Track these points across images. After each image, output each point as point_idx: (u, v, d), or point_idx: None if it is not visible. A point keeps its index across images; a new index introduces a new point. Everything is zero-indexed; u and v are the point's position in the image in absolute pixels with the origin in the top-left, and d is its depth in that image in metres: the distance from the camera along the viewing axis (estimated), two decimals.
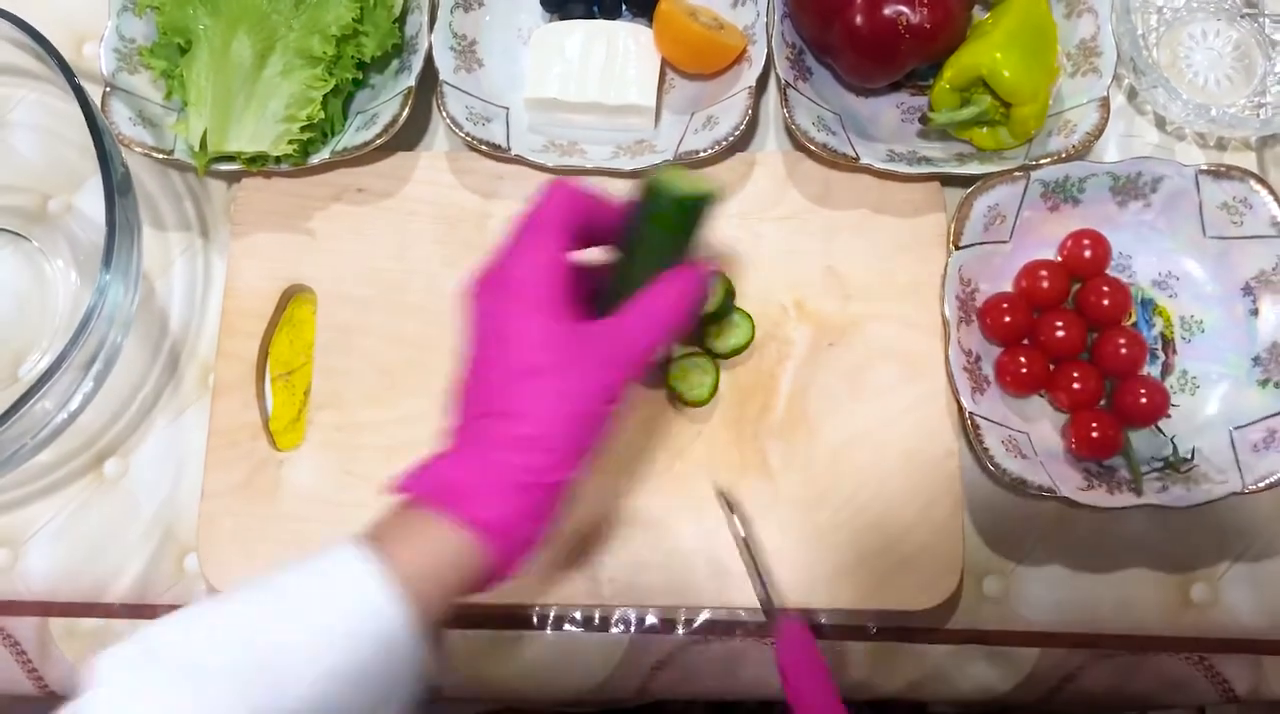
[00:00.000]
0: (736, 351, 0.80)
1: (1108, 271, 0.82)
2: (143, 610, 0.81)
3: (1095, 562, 0.80)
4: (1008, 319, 0.80)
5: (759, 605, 0.75)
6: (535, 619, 0.80)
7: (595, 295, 0.63)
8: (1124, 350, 0.79)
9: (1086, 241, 0.81)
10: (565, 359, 0.58)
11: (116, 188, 0.74)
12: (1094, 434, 0.78)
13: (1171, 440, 0.79)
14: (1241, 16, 0.92)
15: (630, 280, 0.63)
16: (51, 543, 0.82)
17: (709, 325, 0.80)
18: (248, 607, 0.53)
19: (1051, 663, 0.79)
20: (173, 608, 0.64)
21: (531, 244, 0.61)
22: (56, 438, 0.80)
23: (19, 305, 0.88)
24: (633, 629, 0.80)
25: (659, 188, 0.62)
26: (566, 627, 0.80)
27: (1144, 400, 0.78)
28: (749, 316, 0.81)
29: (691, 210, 0.63)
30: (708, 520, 0.78)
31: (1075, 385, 0.79)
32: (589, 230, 0.63)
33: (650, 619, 0.80)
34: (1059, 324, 0.80)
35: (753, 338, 0.80)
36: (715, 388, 0.79)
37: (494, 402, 0.58)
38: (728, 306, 0.80)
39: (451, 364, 0.62)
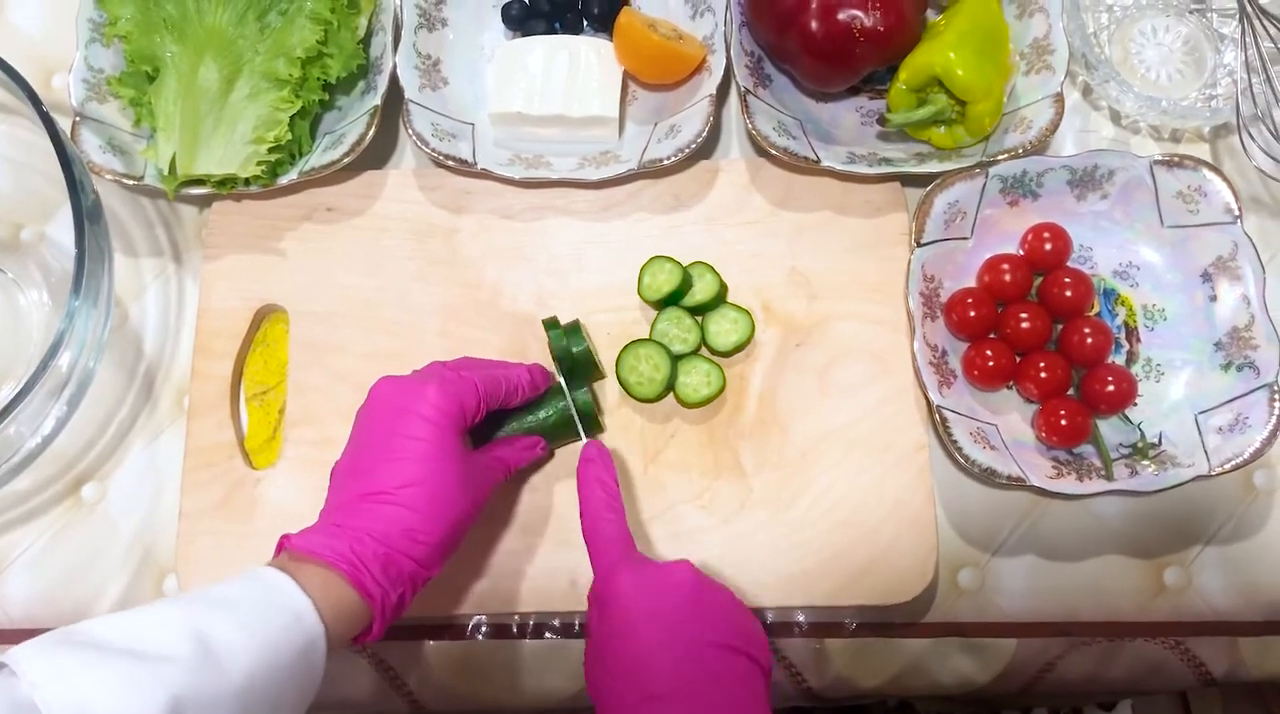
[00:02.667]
0: (739, 347, 0.82)
1: (1069, 263, 0.84)
2: None
3: (1068, 550, 0.81)
4: (973, 313, 0.81)
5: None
6: (515, 628, 0.80)
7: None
8: (1090, 339, 0.80)
9: (1047, 234, 0.83)
10: (459, 489, 0.67)
11: (87, 215, 0.75)
12: (1063, 422, 0.78)
13: (1139, 426, 0.80)
14: (1190, 12, 0.94)
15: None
16: (30, 569, 0.82)
17: (705, 322, 0.82)
18: (186, 605, 0.57)
19: (1030, 653, 0.80)
20: None
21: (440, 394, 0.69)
22: (31, 463, 0.80)
23: None
24: None
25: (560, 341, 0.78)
26: (546, 634, 0.80)
27: (1111, 388, 0.79)
28: (746, 312, 0.82)
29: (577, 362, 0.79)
30: (683, 522, 0.79)
31: (1043, 375, 0.80)
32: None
33: None
34: (1024, 316, 0.81)
35: (752, 333, 0.82)
36: (721, 389, 0.80)
37: (385, 493, 0.65)
38: (720, 298, 0.82)
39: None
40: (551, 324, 0.80)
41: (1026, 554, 0.81)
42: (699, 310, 0.83)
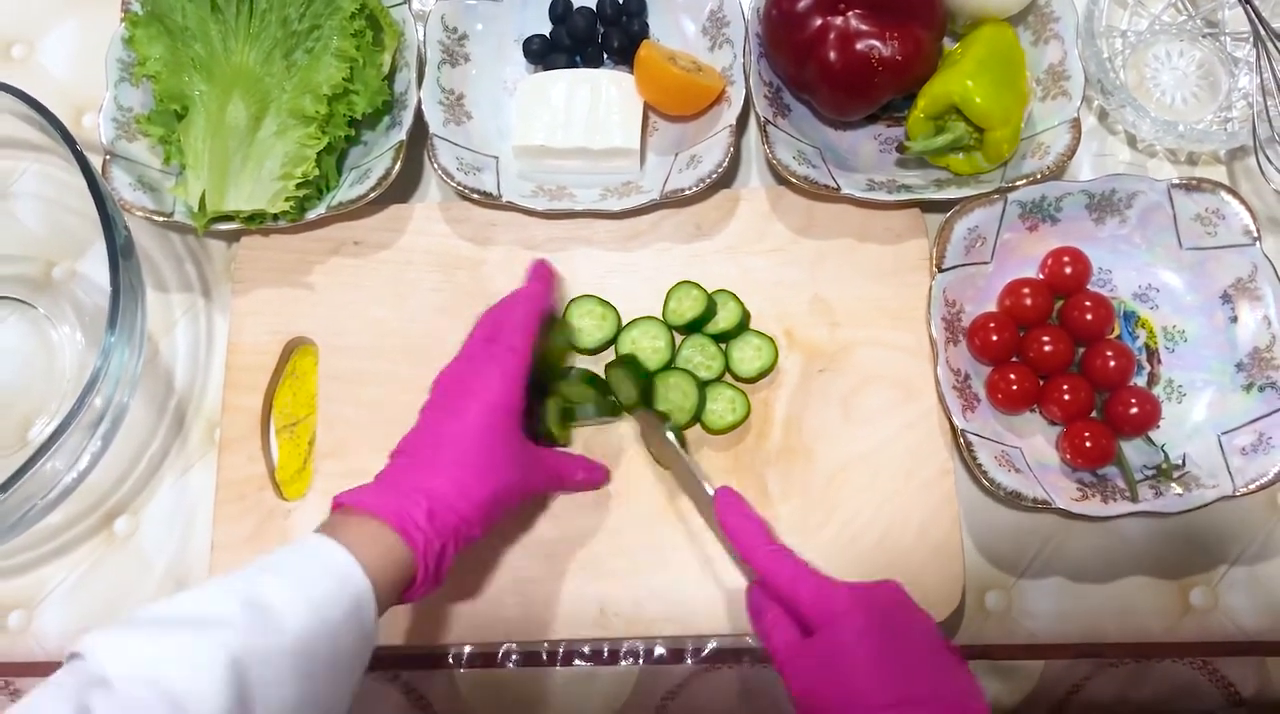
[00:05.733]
0: (763, 374, 0.83)
1: (1089, 287, 0.84)
2: None
3: (1094, 572, 0.81)
4: (995, 338, 0.82)
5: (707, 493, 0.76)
6: (545, 655, 0.81)
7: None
8: (1113, 362, 0.81)
9: (1067, 258, 0.83)
10: (508, 461, 0.71)
11: (120, 252, 0.76)
12: (1088, 444, 0.79)
13: (1162, 448, 0.80)
14: (1203, 36, 0.95)
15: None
16: (64, 603, 0.83)
17: (729, 350, 0.84)
18: (236, 576, 0.59)
19: (1057, 674, 0.80)
20: None
21: (512, 349, 0.74)
22: (66, 498, 0.81)
23: (26, 371, 0.89)
24: (641, 661, 0.81)
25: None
26: (576, 662, 0.81)
27: (1135, 411, 0.80)
28: (770, 339, 0.83)
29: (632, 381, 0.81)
30: (708, 551, 0.79)
31: (1066, 397, 0.80)
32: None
33: (659, 650, 0.81)
34: (1046, 339, 0.82)
35: (776, 360, 0.83)
36: (746, 415, 0.81)
37: (443, 457, 0.69)
38: (743, 325, 0.84)
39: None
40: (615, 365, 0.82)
41: (1053, 576, 0.81)
42: (722, 337, 0.84)
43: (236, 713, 0.52)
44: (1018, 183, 0.83)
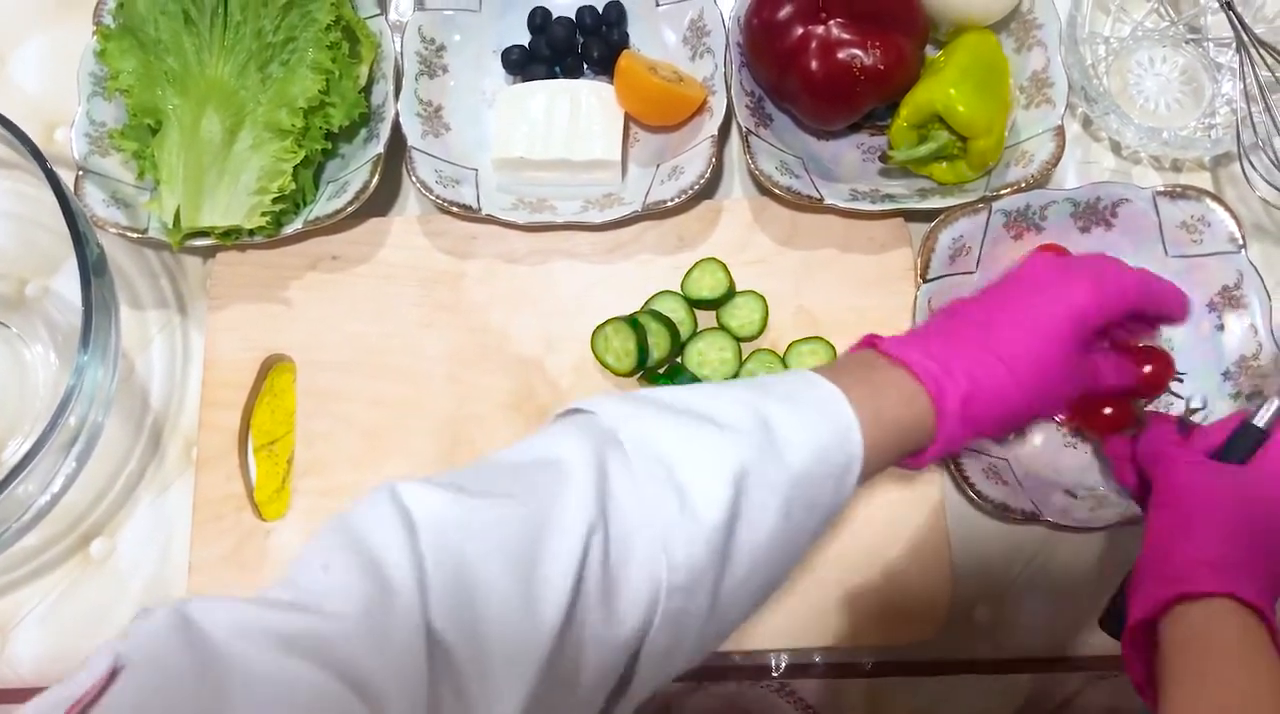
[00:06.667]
0: (758, 332, 0.84)
1: None
2: None
3: (1083, 583, 0.80)
4: None
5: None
6: None
7: None
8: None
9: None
10: (1061, 368, 0.62)
11: (92, 269, 0.75)
12: (1107, 410, 0.78)
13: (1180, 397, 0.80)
14: (1186, 42, 0.95)
15: None
16: (39, 627, 0.81)
17: (719, 315, 0.85)
18: (750, 389, 0.56)
19: (1047, 688, 0.79)
20: None
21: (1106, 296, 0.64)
22: (41, 520, 0.80)
23: None
24: None
25: None
26: None
27: (1149, 368, 0.79)
28: (761, 298, 0.84)
29: None
30: None
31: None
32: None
33: None
34: None
35: (766, 316, 0.84)
36: (739, 362, 0.83)
37: (998, 347, 0.61)
38: (730, 293, 0.84)
39: (432, 423, 0.62)
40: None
41: (1041, 589, 0.80)
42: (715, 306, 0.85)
43: (727, 524, 0.49)
44: (1002, 192, 0.82)
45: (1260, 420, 0.67)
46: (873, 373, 0.58)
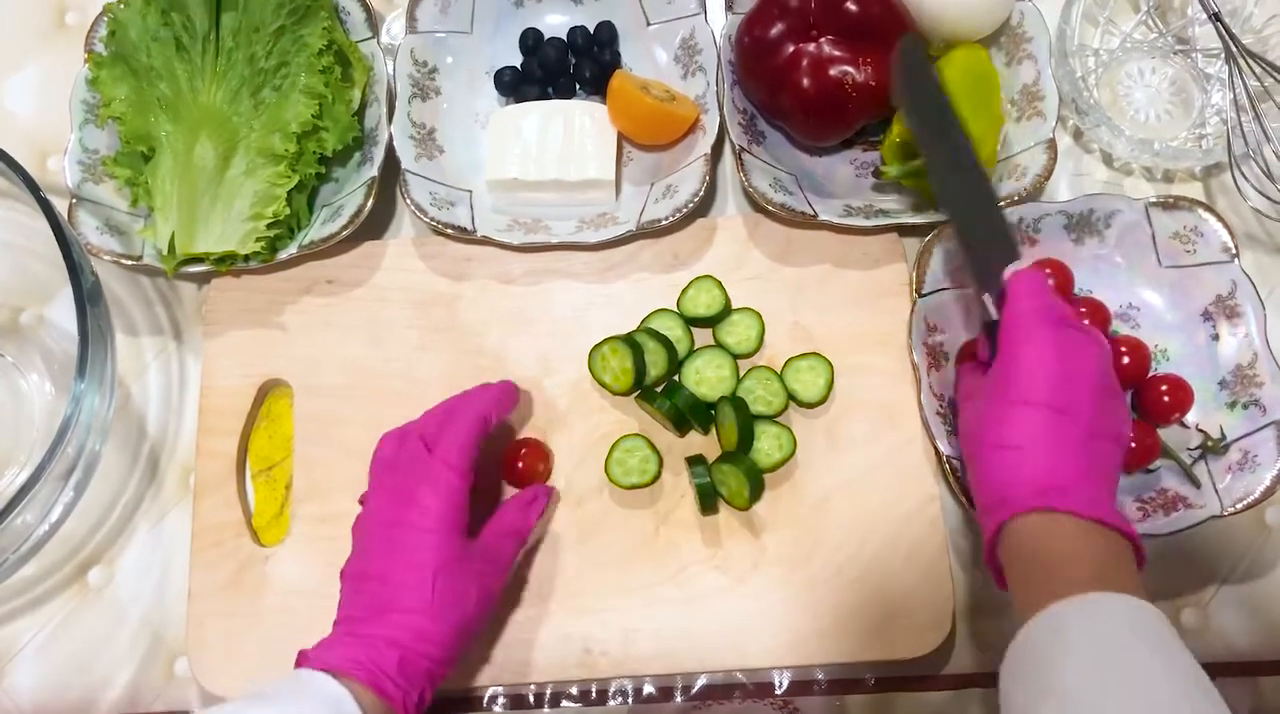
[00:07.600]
0: (755, 349, 0.84)
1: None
2: None
3: None
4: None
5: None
6: (532, 698, 0.79)
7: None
8: (1126, 358, 0.80)
9: (1049, 271, 0.83)
10: (463, 590, 0.69)
11: (87, 297, 0.75)
12: (1133, 445, 0.77)
13: (1197, 427, 0.80)
14: (1174, 53, 0.95)
15: None
16: (37, 657, 0.81)
17: (716, 332, 0.85)
18: (228, 709, 0.60)
19: None
20: None
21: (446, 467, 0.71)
22: (39, 550, 0.80)
23: None
24: (630, 700, 0.79)
25: None
26: (564, 703, 0.79)
27: (1168, 397, 0.79)
28: (757, 314, 0.84)
29: None
30: (696, 584, 0.78)
31: None
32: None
33: (648, 688, 0.80)
34: None
35: (763, 333, 0.84)
36: (736, 379, 0.82)
37: (395, 599, 0.67)
38: (726, 310, 0.84)
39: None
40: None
41: None
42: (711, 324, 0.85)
43: None
44: None
45: (992, 314, 0.70)
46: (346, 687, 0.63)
